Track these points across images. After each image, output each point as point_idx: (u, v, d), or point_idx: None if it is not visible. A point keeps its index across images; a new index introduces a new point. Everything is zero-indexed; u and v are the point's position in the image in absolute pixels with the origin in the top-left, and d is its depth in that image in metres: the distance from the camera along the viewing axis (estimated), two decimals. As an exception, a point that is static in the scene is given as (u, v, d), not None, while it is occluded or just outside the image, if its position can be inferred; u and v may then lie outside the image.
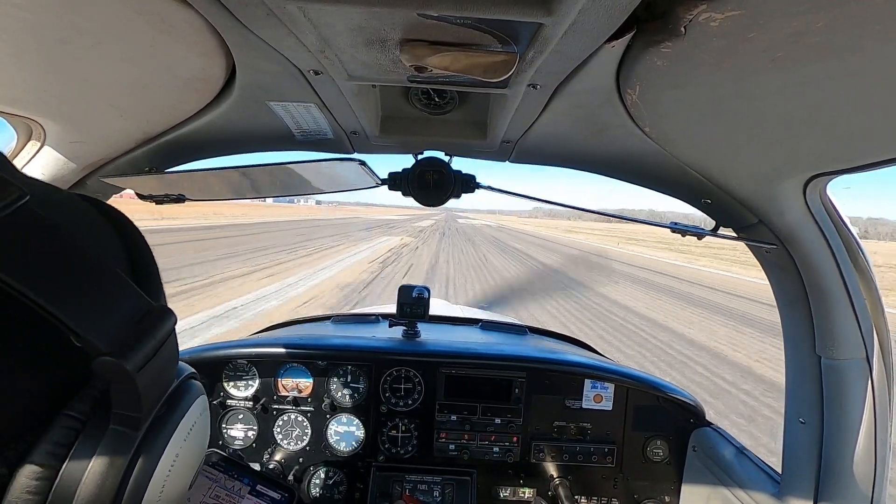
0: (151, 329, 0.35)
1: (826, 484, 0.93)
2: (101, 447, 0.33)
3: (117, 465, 0.34)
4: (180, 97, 0.79)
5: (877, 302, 0.90)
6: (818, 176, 0.76)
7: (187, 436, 0.40)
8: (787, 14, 0.42)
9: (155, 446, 0.36)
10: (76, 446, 0.32)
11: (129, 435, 0.34)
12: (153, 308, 0.36)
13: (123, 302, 0.34)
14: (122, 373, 0.32)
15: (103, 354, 0.31)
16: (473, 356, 1.46)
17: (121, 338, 0.33)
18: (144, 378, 0.33)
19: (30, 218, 0.31)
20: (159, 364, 0.35)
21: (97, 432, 0.33)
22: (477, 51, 0.56)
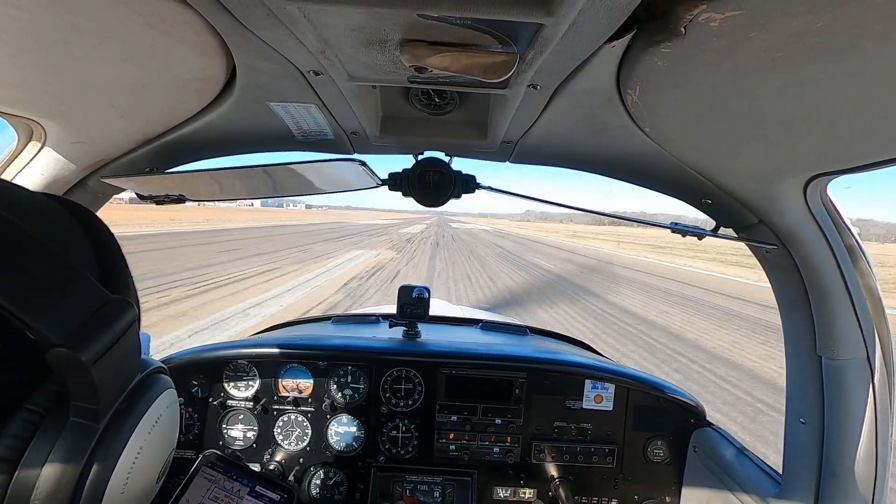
0: (108, 321, 0.35)
1: (827, 484, 0.93)
2: (60, 439, 0.33)
3: (77, 457, 0.34)
4: (180, 98, 0.79)
5: (878, 302, 0.89)
6: (818, 176, 0.76)
7: (152, 429, 0.40)
8: (788, 14, 0.42)
9: (117, 439, 0.36)
10: (35, 439, 0.32)
11: (90, 427, 0.34)
12: (111, 300, 0.36)
13: (78, 294, 0.34)
14: (77, 364, 0.32)
15: (56, 346, 0.31)
16: (474, 356, 1.46)
17: (75, 329, 0.32)
18: (102, 370, 0.33)
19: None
20: (118, 355, 0.35)
21: (56, 425, 0.33)
22: (477, 51, 0.56)
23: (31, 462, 0.32)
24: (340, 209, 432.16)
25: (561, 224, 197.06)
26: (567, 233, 75.73)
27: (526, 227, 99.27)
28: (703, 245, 39.12)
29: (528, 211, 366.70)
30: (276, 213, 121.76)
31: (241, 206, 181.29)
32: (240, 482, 1.00)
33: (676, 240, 35.34)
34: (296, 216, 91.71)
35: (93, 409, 0.34)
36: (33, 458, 0.32)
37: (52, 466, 0.32)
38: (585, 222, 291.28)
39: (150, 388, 0.41)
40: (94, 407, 0.34)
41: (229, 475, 1.00)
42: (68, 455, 0.33)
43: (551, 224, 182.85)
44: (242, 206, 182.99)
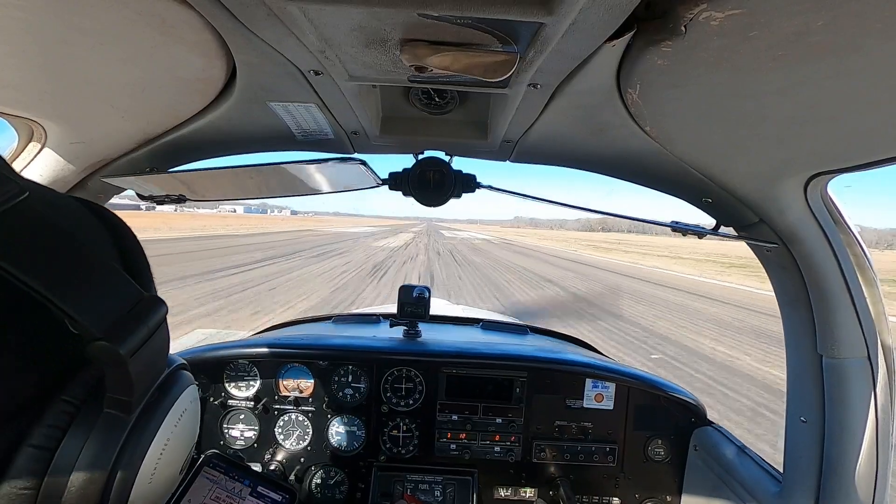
0: (144, 317, 0.36)
1: (828, 483, 0.93)
2: (94, 430, 0.35)
3: (110, 447, 0.35)
4: (181, 98, 0.79)
5: (878, 301, 0.89)
6: (819, 175, 0.76)
7: (178, 422, 0.41)
8: (788, 13, 0.42)
9: (147, 430, 0.38)
10: (71, 429, 0.34)
11: (122, 419, 0.36)
12: (145, 297, 0.38)
13: (117, 291, 0.36)
14: (116, 357, 0.33)
15: (98, 339, 0.33)
16: (474, 356, 1.46)
17: (115, 324, 0.34)
18: (137, 363, 0.35)
19: (29, 212, 0.33)
20: (151, 350, 0.37)
21: (91, 416, 0.35)
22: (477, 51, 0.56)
23: (67, 450, 0.33)
24: (327, 215, 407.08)
25: (552, 231, 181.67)
26: (584, 242, 59.54)
27: (526, 234, 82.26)
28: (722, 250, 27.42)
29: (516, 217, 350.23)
30: (256, 219, 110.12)
31: (224, 211, 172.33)
32: (241, 482, 1.00)
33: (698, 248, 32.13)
34: (271, 223, 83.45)
35: (126, 402, 0.36)
36: (69, 446, 0.34)
37: (87, 455, 0.34)
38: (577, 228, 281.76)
39: (176, 383, 0.42)
40: (127, 399, 0.35)
41: (231, 475, 1.00)
42: (102, 445, 0.35)
43: (544, 231, 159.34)
44: (225, 210, 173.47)
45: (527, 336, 1.94)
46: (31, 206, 0.33)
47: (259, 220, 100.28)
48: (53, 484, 0.33)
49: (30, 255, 0.32)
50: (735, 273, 23.06)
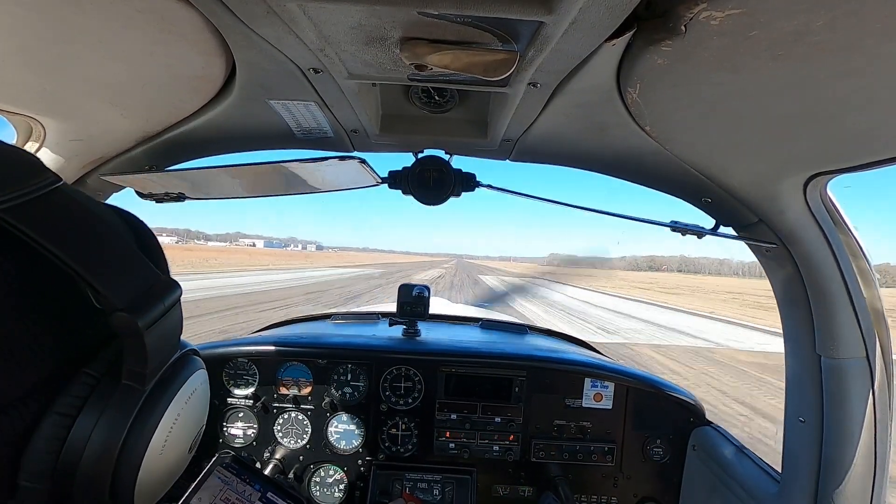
0: (161, 295, 0.40)
1: (826, 483, 0.93)
2: (112, 399, 0.38)
3: (125, 415, 0.39)
4: (180, 95, 0.79)
5: (877, 301, 0.89)
6: (818, 175, 0.76)
7: (188, 400, 0.45)
8: (788, 13, 0.42)
9: (159, 403, 0.41)
10: (91, 398, 0.37)
11: (137, 391, 0.39)
12: (161, 279, 0.41)
13: (137, 270, 0.39)
14: (134, 327, 0.36)
15: (119, 310, 0.36)
16: (473, 355, 1.46)
17: (134, 298, 0.37)
18: (152, 336, 0.38)
19: (64, 197, 0.37)
20: (165, 327, 0.40)
21: (109, 388, 0.38)
22: (477, 49, 0.56)
23: (86, 418, 0.37)
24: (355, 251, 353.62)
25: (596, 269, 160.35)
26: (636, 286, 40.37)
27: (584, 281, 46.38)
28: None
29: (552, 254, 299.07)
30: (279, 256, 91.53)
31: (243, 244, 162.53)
32: (252, 486, 0.99)
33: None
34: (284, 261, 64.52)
35: (141, 374, 0.39)
36: (89, 414, 0.37)
37: (104, 421, 0.37)
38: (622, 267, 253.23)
39: (187, 364, 0.46)
40: (142, 371, 0.39)
41: (243, 478, 1.00)
42: (118, 413, 0.38)
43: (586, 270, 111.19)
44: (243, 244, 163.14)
45: (526, 335, 1.94)
46: (64, 192, 0.37)
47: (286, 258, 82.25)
48: (73, 447, 0.36)
49: (63, 233, 0.35)
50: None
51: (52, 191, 0.36)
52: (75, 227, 0.36)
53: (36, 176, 0.35)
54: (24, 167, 0.35)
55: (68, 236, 0.35)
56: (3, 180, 0.33)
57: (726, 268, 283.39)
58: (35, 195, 0.34)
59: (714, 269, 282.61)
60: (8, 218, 0.32)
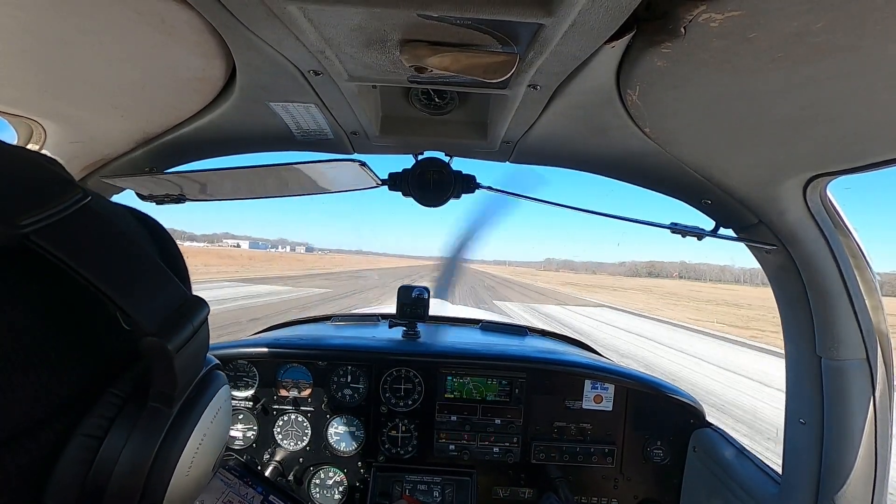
0: (190, 315, 0.39)
1: (826, 485, 0.92)
2: (140, 421, 0.37)
3: (153, 437, 0.38)
4: (180, 97, 0.79)
5: (877, 302, 0.89)
6: (818, 176, 0.76)
7: (214, 418, 0.44)
8: (788, 14, 0.42)
9: (186, 424, 0.40)
10: (118, 419, 0.36)
11: (165, 412, 0.38)
12: (189, 298, 0.40)
13: (167, 290, 0.39)
14: (164, 352, 0.36)
15: (149, 335, 0.35)
16: (474, 356, 1.46)
17: (164, 321, 0.36)
18: (181, 359, 0.37)
19: (92, 215, 0.36)
20: (194, 348, 0.39)
21: (136, 409, 0.37)
22: (477, 51, 0.56)
23: (114, 439, 0.36)
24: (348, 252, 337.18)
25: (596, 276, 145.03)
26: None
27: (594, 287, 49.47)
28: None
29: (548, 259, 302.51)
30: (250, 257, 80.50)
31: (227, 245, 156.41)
32: (254, 489, 0.99)
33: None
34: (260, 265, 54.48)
35: (169, 395, 0.38)
36: (116, 436, 0.36)
37: (132, 444, 0.36)
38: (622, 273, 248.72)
39: (213, 381, 0.45)
40: (170, 393, 0.38)
41: (245, 480, 1.00)
42: (146, 434, 0.37)
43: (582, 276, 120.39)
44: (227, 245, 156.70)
45: (526, 337, 1.94)
46: (93, 209, 0.36)
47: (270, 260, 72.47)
48: (101, 469, 0.35)
49: (93, 254, 0.34)
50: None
51: (81, 208, 0.34)
52: (105, 247, 0.35)
53: (65, 192, 0.34)
54: (55, 183, 0.34)
55: (98, 258, 0.34)
56: (34, 200, 0.32)
57: (728, 274, 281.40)
58: (64, 214, 0.33)
59: (715, 275, 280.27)
60: (37, 240, 0.31)
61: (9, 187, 0.32)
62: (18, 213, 0.30)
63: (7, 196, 0.31)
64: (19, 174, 0.33)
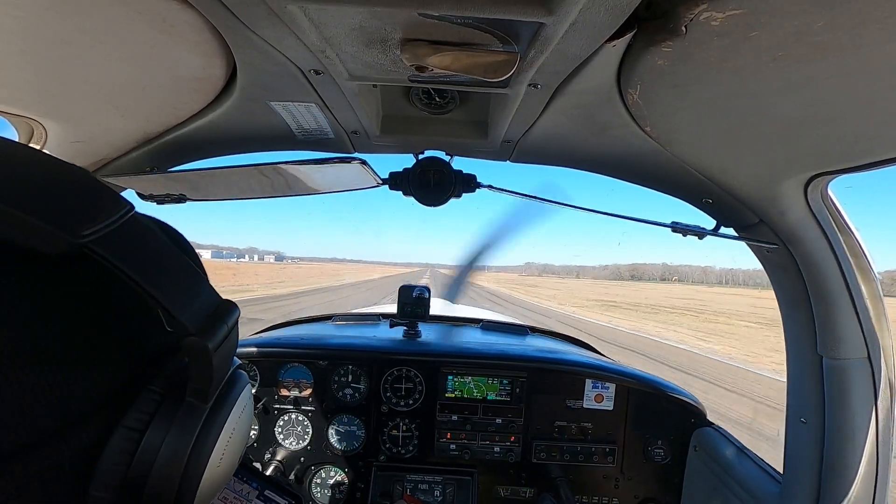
0: (225, 317, 0.42)
1: (828, 484, 0.92)
2: (178, 416, 0.40)
3: (190, 431, 0.40)
4: (181, 97, 0.79)
5: (879, 302, 0.89)
6: (819, 175, 0.76)
7: (241, 413, 0.47)
8: (789, 13, 0.42)
9: (219, 418, 0.43)
10: (158, 413, 0.39)
11: (200, 407, 0.41)
12: (223, 301, 0.43)
13: (205, 294, 0.42)
14: (204, 351, 0.39)
15: (191, 335, 0.38)
16: (474, 356, 1.46)
17: (204, 322, 0.39)
18: (217, 358, 0.40)
19: (137, 224, 0.39)
20: (227, 348, 0.42)
21: (174, 404, 0.40)
22: (478, 50, 0.56)
23: (155, 432, 0.38)
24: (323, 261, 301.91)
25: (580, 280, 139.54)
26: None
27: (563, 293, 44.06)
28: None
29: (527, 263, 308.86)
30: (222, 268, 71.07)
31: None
32: (249, 485, 1.00)
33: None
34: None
35: (205, 392, 0.41)
36: (157, 428, 0.38)
37: (172, 436, 0.39)
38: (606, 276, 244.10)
39: (239, 379, 0.48)
40: (207, 389, 0.41)
41: (240, 476, 1.01)
42: (184, 428, 0.40)
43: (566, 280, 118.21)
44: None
45: (527, 336, 1.94)
46: (138, 220, 0.39)
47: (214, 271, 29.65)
48: (142, 460, 0.38)
49: (142, 260, 0.37)
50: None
51: (130, 219, 0.38)
52: (151, 254, 0.39)
53: (117, 205, 0.37)
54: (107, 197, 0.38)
55: (147, 264, 0.37)
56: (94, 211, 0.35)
57: (710, 275, 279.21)
58: (117, 225, 0.36)
59: (697, 277, 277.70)
60: (96, 248, 0.34)
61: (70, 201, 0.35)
62: (81, 224, 0.34)
63: (70, 209, 0.34)
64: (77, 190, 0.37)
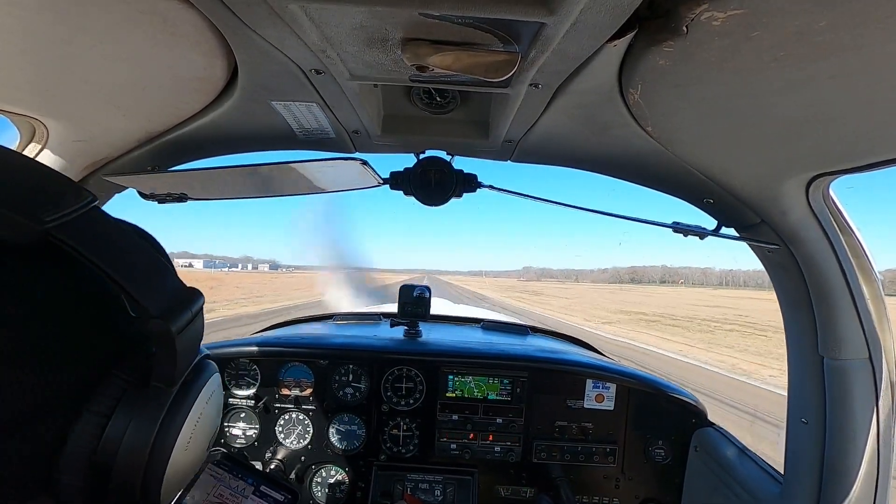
0: (188, 303, 0.43)
1: (828, 484, 0.92)
2: (143, 400, 0.41)
3: (156, 415, 0.41)
4: (182, 96, 0.79)
5: (880, 302, 0.89)
6: (821, 175, 0.76)
7: (208, 401, 0.48)
8: (790, 13, 0.42)
9: (185, 403, 0.44)
10: (124, 398, 0.40)
11: (166, 392, 0.42)
12: (187, 288, 0.45)
13: (168, 280, 0.43)
14: (167, 334, 0.39)
15: (154, 318, 0.39)
16: (475, 356, 1.46)
17: (167, 306, 0.40)
18: (181, 342, 0.41)
19: (100, 214, 0.41)
20: (191, 333, 0.43)
21: (139, 390, 0.41)
22: (479, 50, 0.56)
23: (120, 418, 0.39)
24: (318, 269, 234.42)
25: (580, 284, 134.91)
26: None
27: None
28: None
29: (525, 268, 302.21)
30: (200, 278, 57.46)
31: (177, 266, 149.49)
32: (245, 481, 1.00)
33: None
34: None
35: (170, 376, 0.42)
36: (122, 413, 0.40)
37: (137, 421, 0.40)
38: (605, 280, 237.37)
39: (206, 367, 0.49)
40: (171, 373, 0.42)
41: (235, 473, 1.01)
42: (150, 412, 0.41)
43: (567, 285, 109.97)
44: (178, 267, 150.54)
45: (527, 336, 1.94)
46: (100, 210, 0.41)
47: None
48: (108, 444, 0.39)
49: (104, 247, 0.38)
50: None
51: (92, 208, 0.39)
52: (113, 241, 0.40)
53: (79, 195, 0.39)
54: (68, 187, 0.39)
55: (109, 250, 0.39)
56: (56, 200, 0.36)
57: (711, 277, 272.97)
58: (80, 213, 0.38)
59: (698, 278, 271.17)
60: (59, 234, 0.35)
61: (32, 191, 0.37)
62: (43, 211, 0.35)
63: (31, 198, 0.36)
64: (38, 180, 0.38)
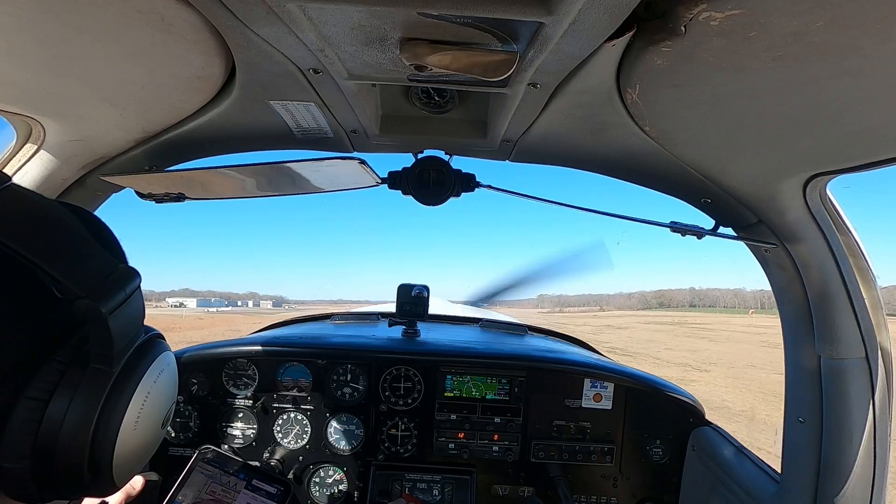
0: (121, 282, 0.42)
1: (825, 483, 0.93)
2: (83, 381, 0.40)
3: (96, 396, 0.41)
4: (180, 96, 0.79)
5: (877, 301, 0.89)
6: (818, 175, 0.76)
7: (157, 379, 0.47)
8: (788, 13, 0.42)
9: (129, 382, 0.44)
10: (62, 381, 0.40)
11: (106, 372, 0.42)
12: (120, 267, 0.44)
13: (96, 260, 0.42)
14: (97, 313, 0.39)
15: (81, 297, 0.38)
16: (473, 355, 1.46)
17: (95, 285, 0.40)
18: (116, 321, 0.41)
19: (14, 194, 0.40)
20: (128, 313, 0.43)
21: (78, 372, 0.41)
22: (477, 50, 0.56)
23: (59, 400, 0.39)
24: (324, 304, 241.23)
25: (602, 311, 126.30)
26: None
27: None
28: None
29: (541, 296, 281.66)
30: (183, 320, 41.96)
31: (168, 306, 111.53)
32: (236, 476, 1.01)
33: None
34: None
35: (108, 357, 0.41)
36: (61, 396, 0.39)
37: (77, 403, 0.40)
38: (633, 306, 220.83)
39: (153, 346, 0.49)
40: (109, 354, 0.41)
41: (226, 470, 1.01)
42: (89, 393, 0.41)
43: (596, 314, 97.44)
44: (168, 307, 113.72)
45: (525, 336, 1.94)
46: (15, 190, 0.40)
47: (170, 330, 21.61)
48: (49, 428, 0.39)
49: (19, 228, 0.38)
50: None
51: (5, 189, 0.39)
52: (29, 222, 0.39)
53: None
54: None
55: (24, 231, 0.38)
56: None
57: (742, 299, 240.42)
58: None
59: (730, 301, 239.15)
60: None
61: None
62: None
63: None
64: None
